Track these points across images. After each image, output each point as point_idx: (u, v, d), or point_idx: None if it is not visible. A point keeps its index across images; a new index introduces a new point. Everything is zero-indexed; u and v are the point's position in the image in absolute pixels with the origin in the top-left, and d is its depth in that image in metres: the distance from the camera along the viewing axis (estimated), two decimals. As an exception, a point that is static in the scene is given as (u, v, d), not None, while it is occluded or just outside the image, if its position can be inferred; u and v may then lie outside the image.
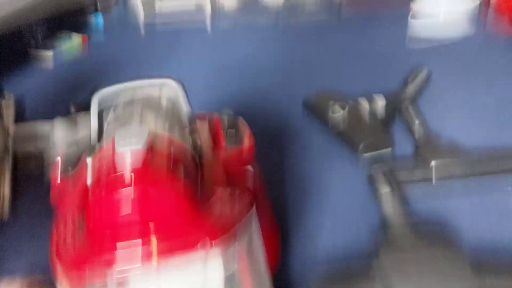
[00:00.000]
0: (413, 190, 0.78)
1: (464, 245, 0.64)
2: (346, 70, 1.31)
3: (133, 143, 0.42)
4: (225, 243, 0.41)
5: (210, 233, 0.41)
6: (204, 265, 0.40)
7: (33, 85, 1.48)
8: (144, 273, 0.40)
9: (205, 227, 0.42)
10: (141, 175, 0.40)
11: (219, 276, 0.41)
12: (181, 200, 0.41)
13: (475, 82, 1.15)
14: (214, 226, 0.41)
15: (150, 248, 0.39)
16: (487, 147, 0.87)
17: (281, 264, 0.65)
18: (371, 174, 0.74)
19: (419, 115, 0.92)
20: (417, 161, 0.81)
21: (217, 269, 0.41)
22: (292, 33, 1.70)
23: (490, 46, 1.37)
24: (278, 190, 0.82)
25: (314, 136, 0.99)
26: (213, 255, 0.40)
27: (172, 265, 0.40)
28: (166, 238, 0.40)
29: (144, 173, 0.40)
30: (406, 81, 1.05)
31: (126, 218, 0.40)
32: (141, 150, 0.42)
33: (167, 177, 0.41)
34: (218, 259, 0.41)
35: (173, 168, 0.43)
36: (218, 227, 0.42)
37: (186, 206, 0.41)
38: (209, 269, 0.41)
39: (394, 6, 1.80)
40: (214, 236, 0.40)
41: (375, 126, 0.91)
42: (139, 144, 0.42)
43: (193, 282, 0.41)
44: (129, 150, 0.42)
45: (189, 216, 0.41)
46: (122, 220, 0.40)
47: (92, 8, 2.17)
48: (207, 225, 0.42)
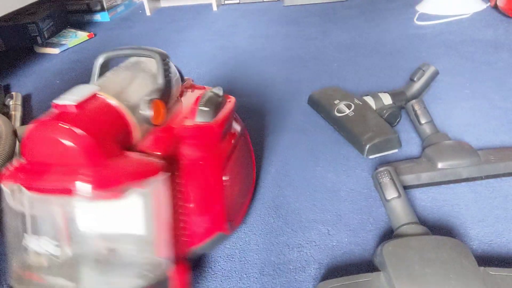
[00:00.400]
0: (419, 192, 0.78)
1: (471, 248, 0.64)
2: (351, 59, 1.30)
3: (67, 99, 0.51)
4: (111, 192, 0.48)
5: (98, 181, 0.48)
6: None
7: (39, 84, 1.48)
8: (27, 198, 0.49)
9: (95, 177, 0.48)
10: (46, 124, 0.49)
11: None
12: (77, 151, 0.48)
13: (483, 79, 1.14)
14: (103, 176, 0.49)
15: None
16: (496, 148, 0.87)
17: (284, 265, 0.65)
18: (377, 176, 0.73)
19: (427, 114, 0.91)
20: (424, 162, 0.80)
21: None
22: (299, 15, 1.71)
23: (498, 44, 1.35)
24: (279, 190, 0.82)
25: (319, 135, 0.99)
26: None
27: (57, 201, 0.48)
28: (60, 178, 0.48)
29: (48, 124, 0.49)
30: (412, 78, 1.04)
31: (33, 158, 0.50)
32: (67, 106, 0.50)
33: (67, 130, 0.48)
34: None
35: (83, 126, 0.49)
36: (107, 177, 0.49)
37: (82, 158, 0.48)
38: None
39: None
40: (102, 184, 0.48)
41: (381, 126, 0.90)
42: (70, 101, 0.50)
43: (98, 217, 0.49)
44: (57, 103, 0.51)
45: (81, 167, 0.49)
46: (30, 159, 0.50)
47: (98, 6, 2.17)
48: (97, 175, 0.48)
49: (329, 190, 0.80)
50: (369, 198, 0.77)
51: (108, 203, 0.49)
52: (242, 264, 0.67)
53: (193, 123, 0.62)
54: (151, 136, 0.59)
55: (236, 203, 0.71)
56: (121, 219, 0.51)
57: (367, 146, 0.86)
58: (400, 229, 0.64)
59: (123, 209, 0.50)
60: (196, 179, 0.62)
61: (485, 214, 0.71)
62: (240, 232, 0.73)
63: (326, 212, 0.75)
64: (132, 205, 0.51)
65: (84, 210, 0.48)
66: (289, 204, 0.78)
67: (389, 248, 0.58)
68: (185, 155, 0.61)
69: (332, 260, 0.66)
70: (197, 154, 0.62)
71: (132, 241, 0.52)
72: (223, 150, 0.65)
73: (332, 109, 0.99)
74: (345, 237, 0.69)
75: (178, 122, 0.62)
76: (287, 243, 0.70)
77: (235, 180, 0.70)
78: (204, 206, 0.63)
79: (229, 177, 0.67)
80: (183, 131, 0.61)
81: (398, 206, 0.68)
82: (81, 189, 0.47)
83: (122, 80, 0.60)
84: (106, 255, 0.50)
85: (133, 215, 0.51)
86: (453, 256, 0.55)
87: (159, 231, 0.54)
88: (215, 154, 0.64)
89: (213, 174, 0.63)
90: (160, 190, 0.53)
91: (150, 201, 0.52)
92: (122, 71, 0.63)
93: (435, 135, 0.86)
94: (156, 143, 0.58)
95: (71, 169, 0.48)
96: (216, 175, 0.64)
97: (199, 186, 0.62)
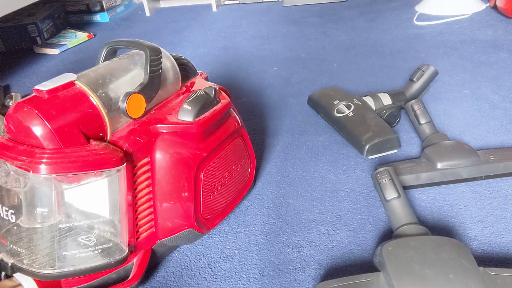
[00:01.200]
0: (419, 193, 0.78)
1: (471, 248, 0.64)
2: (350, 59, 1.31)
3: (43, 85, 0.55)
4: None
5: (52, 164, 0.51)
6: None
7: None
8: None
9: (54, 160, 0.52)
10: (20, 107, 0.53)
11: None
12: (37, 135, 0.52)
13: (482, 79, 1.14)
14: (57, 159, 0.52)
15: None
16: (496, 148, 0.87)
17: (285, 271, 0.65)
18: (377, 177, 0.73)
19: (426, 114, 0.91)
20: (423, 162, 0.80)
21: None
22: (298, 16, 1.71)
23: (497, 44, 1.35)
24: (279, 190, 0.82)
25: (319, 135, 0.99)
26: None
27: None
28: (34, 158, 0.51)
29: (20, 107, 0.53)
30: (412, 79, 1.04)
31: (9, 134, 0.55)
32: (43, 91, 0.54)
33: (30, 114, 0.52)
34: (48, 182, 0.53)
35: (46, 111, 0.53)
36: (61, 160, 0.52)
37: (41, 141, 0.53)
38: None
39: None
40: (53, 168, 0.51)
41: (381, 126, 0.90)
42: (44, 86, 0.55)
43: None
44: (37, 88, 0.55)
45: (45, 148, 0.53)
46: (8, 135, 0.55)
47: (97, 6, 2.17)
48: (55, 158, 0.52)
49: (329, 190, 0.80)
50: (369, 199, 0.77)
51: (66, 186, 0.53)
52: (242, 265, 0.67)
53: (174, 120, 0.63)
54: (128, 127, 0.61)
55: (214, 204, 0.71)
56: (79, 203, 0.55)
57: (367, 147, 0.86)
58: (400, 229, 0.64)
59: (82, 193, 0.54)
60: (168, 173, 0.63)
61: (485, 214, 0.71)
62: (240, 232, 0.73)
63: (326, 212, 0.75)
64: (90, 191, 0.55)
65: (44, 189, 0.53)
66: (289, 204, 0.78)
67: (388, 248, 0.58)
68: (160, 149, 0.62)
69: (332, 260, 0.66)
70: (171, 150, 0.63)
71: (91, 223, 0.55)
72: (202, 149, 0.66)
73: (332, 109, 0.99)
74: (345, 238, 0.69)
75: (161, 117, 0.64)
76: (287, 244, 0.70)
77: (215, 180, 0.70)
78: (173, 201, 0.64)
79: (208, 177, 0.68)
80: (160, 127, 0.62)
81: (397, 207, 0.68)
82: (39, 170, 0.50)
83: (110, 71, 0.62)
84: (65, 232, 0.54)
85: (90, 200, 0.55)
86: (453, 256, 0.55)
87: (118, 218, 0.57)
88: (191, 152, 0.64)
89: (186, 171, 0.64)
90: (119, 177, 0.56)
91: (108, 188, 0.55)
92: (117, 62, 0.65)
93: (435, 135, 0.86)
94: (128, 136, 0.60)
95: (29, 151, 0.52)
96: (189, 172, 0.64)
97: (170, 181, 0.63)
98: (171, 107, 0.66)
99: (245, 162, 0.78)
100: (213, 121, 0.66)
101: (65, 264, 0.54)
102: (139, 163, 0.61)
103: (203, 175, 0.67)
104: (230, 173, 0.73)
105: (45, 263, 0.53)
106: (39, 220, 0.53)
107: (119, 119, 0.60)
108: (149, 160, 0.62)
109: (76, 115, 0.55)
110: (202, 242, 0.72)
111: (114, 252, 0.57)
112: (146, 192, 0.62)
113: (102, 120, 0.58)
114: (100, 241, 0.56)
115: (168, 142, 0.63)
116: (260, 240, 0.71)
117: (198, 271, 0.67)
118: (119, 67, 0.64)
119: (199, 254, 0.70)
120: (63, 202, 0.54)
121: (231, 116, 0.73)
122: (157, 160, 0.62)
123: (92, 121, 0.57)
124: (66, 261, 0.54)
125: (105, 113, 0.58)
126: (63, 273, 0.54)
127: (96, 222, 0.56)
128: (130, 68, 0.65)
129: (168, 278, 0.66)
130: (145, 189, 0.62)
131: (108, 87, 0.60)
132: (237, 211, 0.78)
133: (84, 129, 0.56)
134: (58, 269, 0.53)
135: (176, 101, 0.68)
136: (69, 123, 0.54)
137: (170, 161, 0.63)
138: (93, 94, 0.57)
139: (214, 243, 0.72)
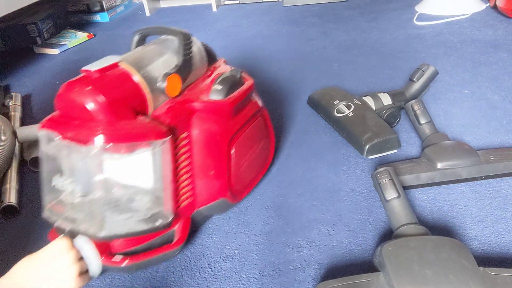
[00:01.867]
0: (419, 193, 0.78)
1: (471, 248, 0.64)
2: (348, 59, 1.31)
3: (94, 66, 0.59)
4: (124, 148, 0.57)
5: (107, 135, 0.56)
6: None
7: (39, 84, 1.48)
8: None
9: (108, 132, 0.56)
10: (73, 85, 0.58)
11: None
12: (93, 110, 0.56)
13: (482, 79, 1.14)
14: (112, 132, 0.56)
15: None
16: (496, 148, 0.87)
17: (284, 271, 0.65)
18: (377, 177, 0.73)
19: (426, 114, 0.91)
20: (423, 162, 0.80)
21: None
22: (298, 16, 1.71)
23: (497, 44, 1.35)
24: (279, 190, 0.82)
25: (319, 135, 0.99)
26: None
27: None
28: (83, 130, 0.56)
29: (72, 85, 0.58)
30: (412, 79, 1.04)
31: (62, 111, 0.60)
32: (91, 72, 0.59)
33: (88, 91, 0.57)
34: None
35: (99, 88, 0.57)
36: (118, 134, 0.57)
37: (96, 115, 0.57)
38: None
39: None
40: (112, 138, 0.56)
41: (381, 126, 0.90)
42: (95, 67, 0.59)
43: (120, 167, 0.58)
44: (86, 69, 0.59)
45: (96, 121, 0.57)
46: (60, 112, 0.60)
47: (97, 6, 2.17)
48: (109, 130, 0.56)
49: (329, 190, 0.80)
50: (369, 198, 0.77)
51: (118, 157, 0.57)
52: (242, 265, 0.67)
53: (206, 99, 0.69)
54: (166, 105, 0.66)
55: (243, 176, 0.77)
56: (129, 172, 0.59)
57: (367, 147, 0.86)
58: (400, 229, 0.64)
59: (132, 164, 0.59)
60: (204, 147, 0.69)
61: (485, 214, 0.71)
62: (240, 232, 0.73)
63: (326, 212, 0.75)
64: (139, 161, 0.59)
65: (100, 162, 0.56)
66: (289, 204, 0.78)
67: (388, 248, 0.58)
68: (196, 125, 0.68)
69: (332, 260, 0.66)
70: (206, 126, 0.68)
71: (139, 192, 0.60)
72: (232, 126, 0.72)
73: (332, 109, 0.99)
74: (345, 237, 0.69)
75: (195, 96, 0.69)
76: (287, 243, 0.70)
77: (243, 155, 0.75)
78: (209, 172, 0.70)
79: (237, 151, 0.73)
80: (196, 105, 0.68)
81: (397, 207, 0.68)
82: (94, 142, 0.55)
83: (147, 55, 0.68)
84: (116, 200, 0.59)
85: (139, 170, 0.60)
86: (453, 257, 0.55)
87: (163, 187, 0.62)
88: (224, 128, 0.70)
89: (219, 145, 0.70)
90: (164, 150, 0.60)
91: (155, 159, 0.60)
92: (151, 47, 0.70)
93: (435, 135, 0.86)
94: (168, 112, 0.64)
95: (87, 124, 0.56)
96: (222, 146, 0.70)
97: (206, 154, 0.69)
98: (201, 88, 0.71)
99: (266, 141, 0.84)
100: (241, 100, 0.72)
101: (116, 228, 0.59)
102: (179, 137, 0.65)
103: (234, 150, 0.72)
104: (254, 149, 0.79)
105: (98, 227, 0.58)
106: (92, 189, 0.57)
107: (158, 98, 0.65)
108: (187, 135, 0.67)
109: (124, 92, 0.60)
110: (202, 242, 0.72)
111: (159, 218, 0.62)
112: (185, 164, 0.67)
113: (145, 98, 0.63)
114: (147, 208, 0.60)
115: (202, 119, 0.68)
116: (260, 240, 0.71)
117: (198, 271, 0.67)
118: (154, 51, 0.69)
119: (199, 254, 0.70)
120: (114, 171, 0.58)
121: (253, 98, 0.79)
122: (193, 136, 0.68)
123: (137, 98, 0.62)
124: (117, 225, 0.59)
125: (148, 91, 0.63)
126: (114, 235, 0.59)
127: (143, 191, 0.60)
128: (163, 52, 0.70)
129: (168, 278, 0.66)
130: (184, 161, 0.67)
131: (148, 69, 0.65)
132: (237, 211, 0.78)
133: (130, 105, 0.60)
134: (110, 232, 0.58)
135: (204, 83, 0.73)
136: (118, 99, 0.59)
137: (205, 136, 0.69)
138: (137, 74, 0.62)
139: (214, 243, 0.72)
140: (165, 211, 0.63)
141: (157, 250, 0.63)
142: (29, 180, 0.95)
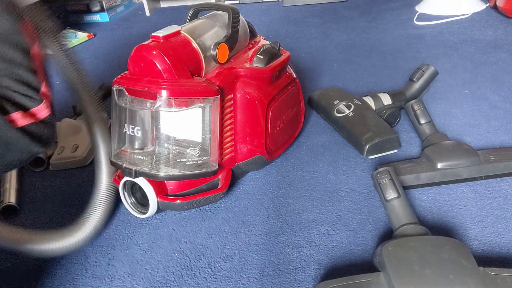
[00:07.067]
0: (419, 193, 0.78)
1: (471, 248, 0.64)
2: (351, 58, 1.31)
3: (160, 32, 0.70)
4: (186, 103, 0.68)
5: (171, 91, 0.67)
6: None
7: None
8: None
9: (172, 88, 0.67)
10: (144, 47, 0.69)
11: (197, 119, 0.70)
12: (160, 68, 0.68)
13: (483, 79, 1.14)
14: (176, 89, 0.67)
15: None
16: (496, 148, 0.87)
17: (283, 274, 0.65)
18: (377, 177, 0.73)
19: (426, 114, 0.91)
20: (423, 162, 0.80)
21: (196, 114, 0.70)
22: (298, 16, 1.71)
23: (497, 44, 1.35)
24: (279, 190, 0.82)
25: (319, 135, 0.99)
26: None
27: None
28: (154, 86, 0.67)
29: (143, 48, 0.69)
30: (412, 79, 1.04)
31: (133, 70, 0.71)
32: (159, 37, 0.70)
33: (156, 52, 0.68)
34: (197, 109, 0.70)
35: (165, 51, 0.68)
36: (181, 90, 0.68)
37: (162, 73, 0.68)
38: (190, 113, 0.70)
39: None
40: (174, 92, 0.67)
41: (381, 126, 0.90)
42: (161, 33, 0.70)
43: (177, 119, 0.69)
44: (154, 34, 0.70)
45: (166, 78, 0.69)
46: (131, 71, 0.71)
47: (97, 6, 2.17)
48: (174, 87, 0.67)
49: (329, 190, 0.80)
50: (369, 199, 0.77)
51: (177, 111, 0.68)
52: (242, 265, 0.67)
53: (249, 66, 0.79)
54: (216, 70, 0.76)
55: (277, 137, 0.86)
56: (186, 125, 0.70)
57: (367, 147, 0.86)
58: (400, 229, 0.64)
59: (188, 118, 0.70)
60: (246, 109, 0.79)
61: (485, 214, 0.71)
62: (240, 232, 0.73)
63: (326, 212, 0.75)
64: (193, 115, 0.70)
65: (162, 114, 0.68)
66: (289, 204, 0.78)
67: (388, 248, 0.58)
68: (240, 89, 0.78)
69: (332, 260, 0.66)
70: (248, 90, 0.78)
71: (191, 143, 0.71)
72: (271, 91, 0.82)
73: (332, 109, 0.99)
74: (345, 238, 0.70)
75: (240, 64, 0.79)
76: (287, 243, 0.70)
77: (278, 118, 0.85)
78: (249, 130, 0.80)
79: (273, 114, 0.83)
80: (240, 70, 0.78)
81: (397, 207, 0.68)
82: (160, 95, 0.66)
83: (201, 27, 0.79)
84: (173, 148, 0.70)
85: (194, 123, 0.70)
86: (453, 257, 0.55)
87: (211, 140, 0.72)
88: (263, 92, 0.80)
89: (259, 107, 0.79)
90: (214, 107, 0.71)
91: (206, 114, 0.70)
92: (204, 21, 0.81)
93: (435, 135, 0.86)
94: (218, 76, 0.74)
95: (154, 81, 0.67)
96: (261, 108, 0.80)
97: (247, 115, 0.79)
98: (245, 57, 0.82)
99: (297, 109, 0.94)
100: (279, 68, 0.82)
101: (175, 170, 0.70)
102: (225, 98, 0.75)
103: (271, 113, 0.82)
104: (288, 114, 0.89)
105: (161, 169, 0.69)
106: (157, 135, 0.69)
107: (210, 63, 0.76)
108: (232, 97, 0.77)
109: (185, 55, 0.70)
110: (202, 242, 0.72)
111: (208, 166, 0.73)
112: (229, 122, 0.78)
113: (200, 62, 0.73)
114: (199, 155, 0.71)
115: (246, 84, 0.78)
116: (260, 240, 0.71)
117: (198, 271, 0.67)
118: (207, 23, 0.81)
119: (199, 254, 0.70)
120: (175, 122, 0.69)
121: (288, 69, 0.89)
122: (237, 98, 0.78)
123: (194, 62, 0.72)
124: (177, 167, 0.70)
125: (203, 56, 0.73)
126: (169, 177, 0.70)
127: (194, 143, 0.71)
128: (213, 25, 0.81)
129: (168, 278, 0.66)
130: (228, 120, 0.77)
131: (201, 38, 0.75)
132: (237, 211, 0.78)
133: (189, 67, 0.71)
134: (171, 172, 0.69)
135: (247, 54, 0.84)
136: (181, 61, 0.69)
137: (247, 99, 0.78)
138: (194, 41, 0.73)
139: (214, 243, 0.72)
140: (211, 162, 0.73)
141: (205, 193, 0.74)
142: (29, 180, 0.95)
